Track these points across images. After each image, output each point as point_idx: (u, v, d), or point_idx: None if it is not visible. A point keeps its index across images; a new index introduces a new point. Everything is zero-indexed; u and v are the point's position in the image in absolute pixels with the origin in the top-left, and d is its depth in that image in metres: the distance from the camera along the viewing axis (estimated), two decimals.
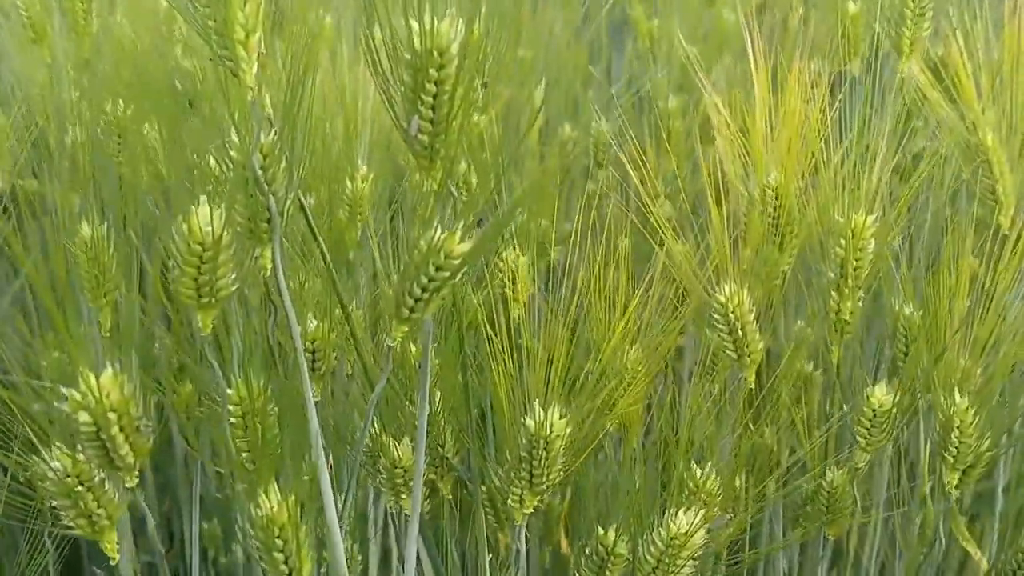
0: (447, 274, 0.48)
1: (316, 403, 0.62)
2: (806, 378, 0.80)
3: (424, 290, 0.48)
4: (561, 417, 0.55)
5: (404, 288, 0.49)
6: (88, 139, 0.76)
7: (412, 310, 0.49)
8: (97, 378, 0.45)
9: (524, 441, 0.55)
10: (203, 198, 0.47)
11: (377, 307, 0.72)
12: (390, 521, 0.73)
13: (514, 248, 0.80)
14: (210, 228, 0.47)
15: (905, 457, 0.80)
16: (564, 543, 0.84)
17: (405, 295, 0.49)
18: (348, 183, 0.82)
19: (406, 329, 0.50)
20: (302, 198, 0.55)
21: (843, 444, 0.76)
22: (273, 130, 0.50)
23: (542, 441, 0.54)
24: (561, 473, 0.55)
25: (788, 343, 0.77)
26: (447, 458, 0.65)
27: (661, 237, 0.89)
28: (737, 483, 0.69)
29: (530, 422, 0.55)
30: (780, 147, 0.70)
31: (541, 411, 0.55)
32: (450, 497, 0.66)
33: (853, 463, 0.69)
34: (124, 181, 0.75)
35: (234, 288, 0.49)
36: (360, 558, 0.73)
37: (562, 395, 0.56)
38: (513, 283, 0.81)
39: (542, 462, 0.55)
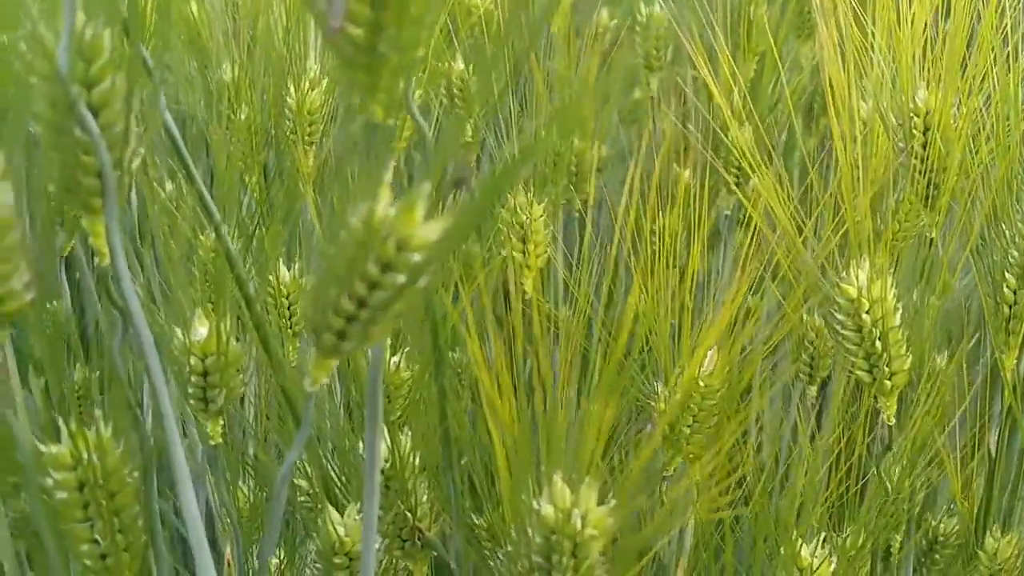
0: (401, 278, 0.31)
1: (217, 448, 0.46)
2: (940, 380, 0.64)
3: (362, 304, 0.31)
4: (602, 501, 0.38)
5: (326, 299, 0.32)
6: None
7: (342, 336, 0.32)
8: None
9: (539, 539, 0.38)
10: None
11: None
12: None
13: (525, 191, 0.64)
14: None
15: None
16: None
17: (329, 312, 0.32)
18: (291, 90, 0.66)
19: (332, 364, 0.33)
20: (170, 123, 0.38)
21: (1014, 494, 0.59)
22: (99, 15, 0.32)
23: (568, 542, 0.38)
24: None
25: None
26: (420, 529, 0.48)
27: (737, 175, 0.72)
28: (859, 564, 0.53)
29: (547, 509, 0.38)
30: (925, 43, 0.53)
31: (566, 489, 0.38)
32: None
33: None
34: None
35: (30, 297, 0.32)
36: None
37: (601, 458, 0.39)
38: (523, 242, 0.64)
39: (567, 575, 0.38)
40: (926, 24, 0.52)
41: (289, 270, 0.58)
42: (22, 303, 0.32)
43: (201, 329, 0.43)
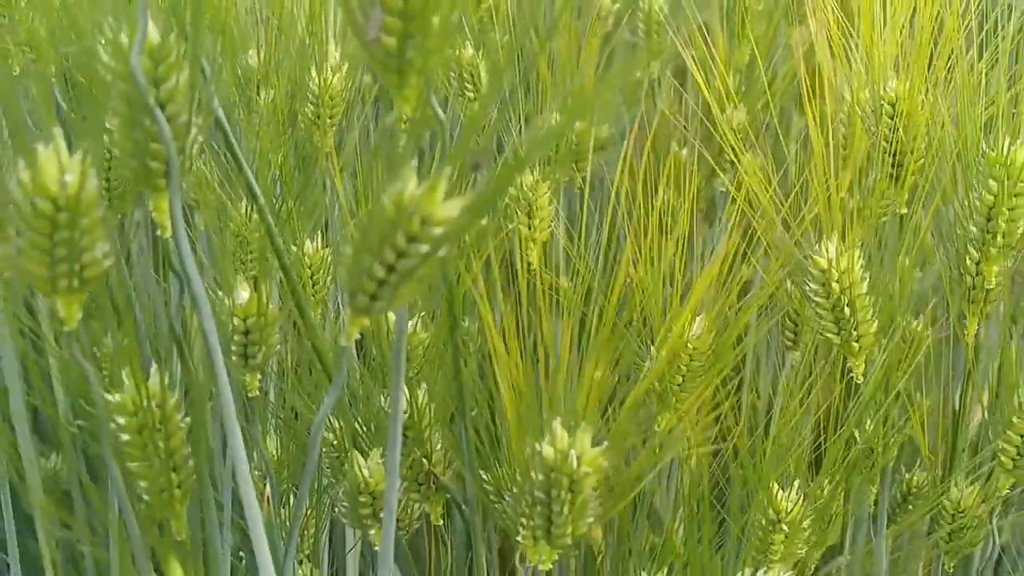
0: (425, 248, 0.37)
1: (255, 400, 0.52)
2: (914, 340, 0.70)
3: (391, 269, 0.37)
4: (595, 444, 0.44)
5: (361, 266, 0.38)
6: None
7: (374, 297, 0.38)
8: None
9: (540, 477, 0.44)
10: (56, 131, 0.36)
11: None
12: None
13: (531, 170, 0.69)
14: (68, 177, 0.36)
15: None
16: (598, 535, 0.75)
17: (362, 276, 0.38)
18: (313, 74, 0.72)
19: (365, 323, 0.39)
20: (221, 115, 0.44)
21: (978, 444, 0.65)
22: (172, 22, 0.38)
23: (565, 479, 0.44)
24: (593, 520, 0.45)
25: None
26: (434, 474, 0.54)
27: (731, 157, 0.78)
28: (834, 508, 0.59)
29: (548, 450, 0.44)
30: (900, 40, 0.59)
31: (564, 434, 0.44)
32: (440, 523, 0.57)
33: (992, 488, 0.58)
34: None
35: (108, 264, 0.38)
36: None
37: (596, 407, 0.45)
38: (529, 217, 0.70)
39: (564, 508, 0.44)
40: (901, 25, 0.58)
41: (312, 242, 0.64)
42: (102, 269, 0.38)
43: (243, 293, 0.49)
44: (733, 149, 0.62)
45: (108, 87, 0.38)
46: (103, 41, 0.38)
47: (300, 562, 0.61)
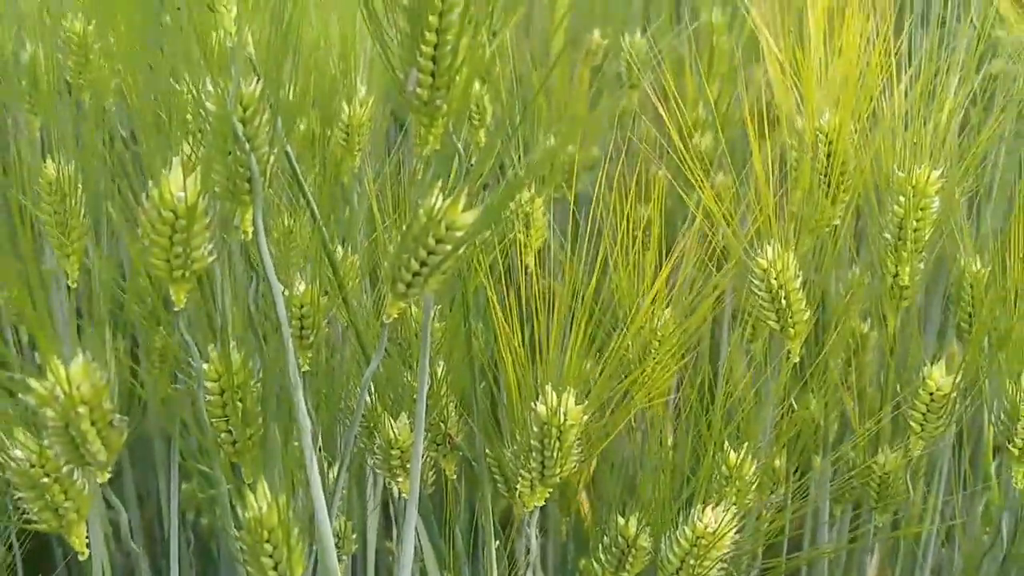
0: (449, 247, 0.49)
1: (305, 373, 0.64)
2: (860, 339, 0.82)
3: (424, 264, 0.50)
4: (577, 403, 0.56)
5: (400, 262, 0.50)
6: (50, 56, 0.77)
7: (410, 285, 0.50)
8: (67, 368, 0.46)
9: (535, 429, 0.56)
10: (175, 160, 0.48)
11: (375, 252, 0.73)
12: (390, 497, 0.75)
13: (528, 187, 0.81)
14: (183, 194, 0.48)
15: (968, 436, 0.82)
16: (585, 507, 0.86)
17: (401, 269, 0.50)
18: (345, 107, 0.83)
19: (403, 306, 0.51)
20: (288, 149, 0.56)
21: (899, 420, 0.77)
22: (257, 79, 0.50)
23: (554, 430, 0.56)
24: (576, 464, 0.57)
25: (839, 299, 0.78)
26: (450, 435, 0.66)
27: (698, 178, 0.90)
28: (777, 464, 0.71)
29: (541, 408, 0.56)
30: (835, 83, 0.71)
31: (554, 396, 0.56)
32: (454, 477, 0.68)
33: (907, 450, 0.70)
34: (86, 110, 0.76)
35: (211, 259, 0.50)
36: (356, 536, 0.75)
37: (580, 375, 0.57)
38: (526, 227, 0.82)
39: (555, 453, 0.56)
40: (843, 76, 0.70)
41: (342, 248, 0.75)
42: (206, 263, 0.50)
43: (300, 286, 0.61)
44: (690, 177, 0.74)
45: (212, 126, 0.50)
46: (201, 91, 0.50)
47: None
